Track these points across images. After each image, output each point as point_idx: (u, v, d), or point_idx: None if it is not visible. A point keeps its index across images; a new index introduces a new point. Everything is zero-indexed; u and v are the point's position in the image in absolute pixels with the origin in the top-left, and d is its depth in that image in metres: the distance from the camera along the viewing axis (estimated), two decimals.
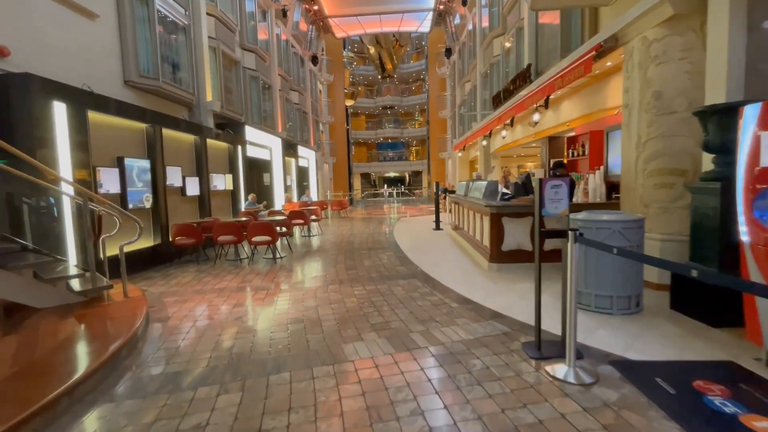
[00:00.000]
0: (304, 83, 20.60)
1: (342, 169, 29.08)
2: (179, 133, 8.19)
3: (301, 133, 19.57)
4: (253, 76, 13.49)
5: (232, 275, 6.14)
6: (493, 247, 5.80)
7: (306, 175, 19.69)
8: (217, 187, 9.76)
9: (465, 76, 18.89)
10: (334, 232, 11.29)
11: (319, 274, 6.07)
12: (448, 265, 6.34)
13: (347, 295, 4.82)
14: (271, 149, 14.38)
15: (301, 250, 8.34)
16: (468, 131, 16.65)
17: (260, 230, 6.90)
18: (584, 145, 7.48)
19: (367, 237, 10.04)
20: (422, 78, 33.87)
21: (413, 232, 10.64)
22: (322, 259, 7.32)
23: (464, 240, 8.04)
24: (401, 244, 8.57)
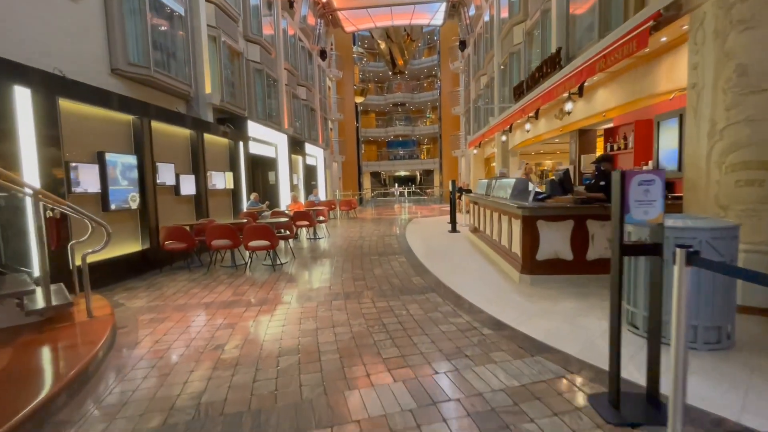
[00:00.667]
0: (312, 79, 19.89)
1: (351, 167, 28.34)
2: (172, 127, 7.49)
3: (309, 131, 18.87)
4: (258, 69, 12.78)
5: (225, 286, 5.39)
6: (526, 256, 4.94)
7: (314, 173, 18.99)
8: (217, 185, 9.06)
9: (480, 69, 17.95)
10: (342, 234, 10.51)
11: (322, 285, 5.28)
12: (470, 276, 5.49)
13: (354, 314, 4.02)
14: (276, 146, 13.67)
15: (305, 255, 7.57)
16: (484, 126, 15.73)
17: (258, 234, 6.14)
18: (626, 137, 6.56)
19: (377, 240, 9.23)
20: (434, 74, 32.92)
21: (427, 235, 9.81)
22: (327, 266, 6.54)
23: (486, 245, 7.18)
24: (415, 249, 7.75)
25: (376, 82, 34.97)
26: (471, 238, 8.81)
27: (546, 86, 7.57)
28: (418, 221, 13.55)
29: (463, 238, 9.14)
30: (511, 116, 10.02)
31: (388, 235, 9.98)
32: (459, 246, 8.03)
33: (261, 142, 12.33)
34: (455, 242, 8.54)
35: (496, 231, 6.47)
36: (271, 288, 5.20)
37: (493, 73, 15.27)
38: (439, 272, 5.73)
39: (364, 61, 32.45)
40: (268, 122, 13.18)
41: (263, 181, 13.77)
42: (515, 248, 5.35)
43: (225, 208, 9.66)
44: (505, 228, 5.91)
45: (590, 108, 7.62)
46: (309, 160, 17.70)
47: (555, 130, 9.59)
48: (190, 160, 8.15)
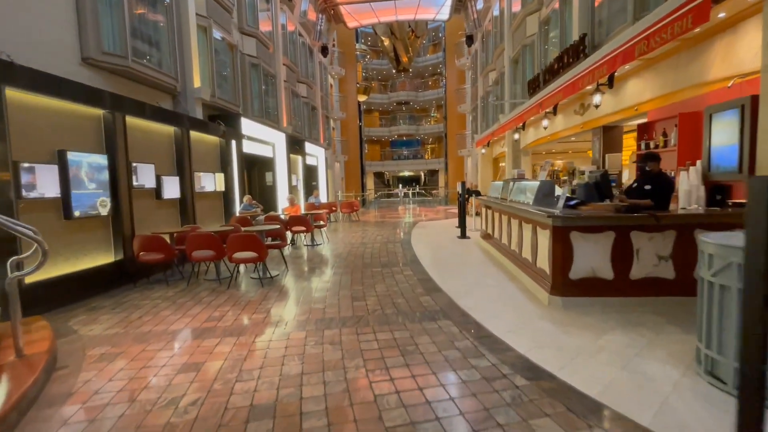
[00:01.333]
0: (313, 76, 19.15)
1: (354, 167, 27.59)
2: (153, 124, 6.75)
3: (310, 129, 18.12)
4: (254, 64, 12.05)
5: (202, 306, 4.63)
6: (557, 274, 4.14)
7: (315, 174, 18.24)
8: (205, 188, 8.32)
9: (489, 64, 17.12)
10: (343, 240, 9.74)
11: (315, 306, 4.50)
12: (489, 296, 4.70)
13: (350, 351, 3.24)
14: (273, 145, 12.93)
15: (299, 266, 6.80)
16: (494, 124, 14.90)
17: (244, 244, 5.38)
18: (667, 133, 5.73)
19: (380, 247, 8.45)
20: (439, 72, 32.08)
21: (434, 241, 9.01)
22: (323, 280, 5.76)
23: (503, 255, 6.37)
24: (422, 259, 6.96)
25: (379, 81, 34.18)
26: (483, 245, 8.01)
27: (568, 77, 6.75)
28: (423, 225, 12.75)
29: (474, 245, 8.34)
30: (526, 112, 9.20)
31: (392, 242, 9.19)
32: (470, 255, 7.23)
33: (257, 140, 11.58)
34: (466, 251, 7.74)
35: (516, 241, 5.66)
36: (254, 309, 4.43)
37: (503, 67, 14.44)
38: (451, 290, 4.93)
39: (368, 58, 31.67)
40: (264, 120, 12.44)
41: (260, 183, 13.04)
42: (542, 263, 4.55)
43: (215, 212, 8.92)
44: (527, 238, 5.11)
45: (618, 101, 6.80)
46: (309, 160, 16.96)
47: (574, 127, 8.77)
48: (174, 160, 7.41)
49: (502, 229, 6.61)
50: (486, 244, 7.89)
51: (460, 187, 10.35)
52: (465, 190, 9.44)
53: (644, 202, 4.08)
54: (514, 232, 5.76)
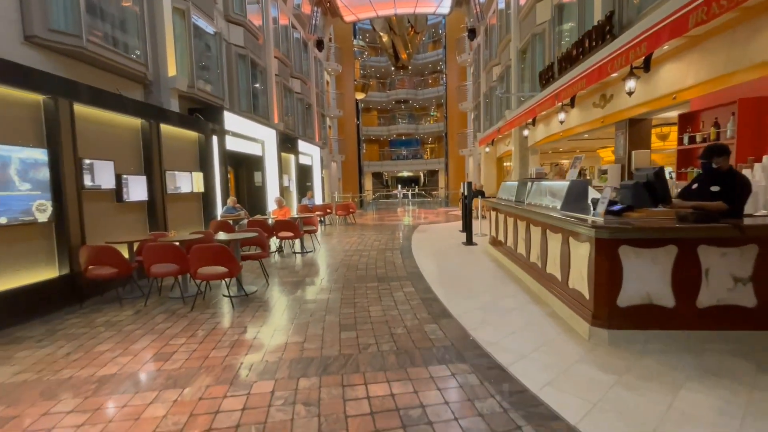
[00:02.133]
0: (307, 71, 18.24)
1: (352, 168, 26.68)
2: (114, 115, 5.82)
3: (304, 127, 17.20)
4: (241, 55, 11.13)
5: (152, 337, 3.71)
6: (601, 299, 3.23)
7: (309, 174, 17.32)
8: (181, 189, 7.39)
9: (493, 59, 16.24)
10: (336, 247, 8.81)
11: (292, 339, 3.58)
12: (510, 324, 3.77)
13: (331, 418, 2.32)
14: (263, 143, 12.00)
15: (281, 281, 5.87)
16: (499, 121, 14.00)
17: (210, 257, 4.45)
18: (720, 123, 4.82)
19: (377, 256, 7.53)
20: (439, 69, 31.22)
21: (438, 249, 8.09)
22: (306, 300, 4.84)
23: (519, 267, 5.46)
24: (425, 270, 6.04)
25: (378, 78, 33.28)
26: (492, 253, 7.10)
27: (593, 62, 5.85)
28: (424, 228, 11.83)
29: (482, 253, 7.42)
30: (539, 105, 8.30)
31: (391, 249, 8.27)
32: (480, 267, 6.31)
33: (244, 137, 10.66)
34: (473, 261, 6.82)
35: (537, 253, 4.75)
36: (216, 343, 3.50)
37: (508, 60, 13.55)
38: (462, 314, 4.01)
39: (365, 55, 30.78)
40: (253, 115, 11.52)
41: (248, 183, 12.12)
42: (576, 283, 3.64)
43: (193, 216, 7.98)
44: (554, 251, 4.19)
45: (650, 90, 5.90)
46: (303, 159, 16.03)
47: (593, 121, 7.87)
48: (142, 158, 6.47)
49: (517, 237, 5.70)
50: (496, 252, 6.98)
51: (464, 187, 9.44)
52: (471, 191, 8.53)
53: (714, 205, 3.17)
54: (535, 241, 4.84)
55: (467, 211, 8.55)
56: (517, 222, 5.67)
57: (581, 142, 13.21)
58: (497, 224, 7.06)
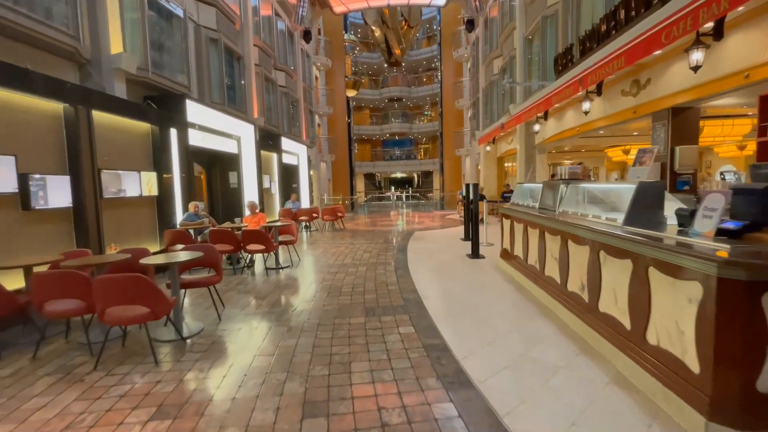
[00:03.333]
0: (294, 64, 16.88)
1: (342, 168, 25.33)
2: (16, 95, 4.45)
3: (289, 124, 15.85)
4: (213, 39, 9.77)
5: (5, 428, 2.36)
6: (726, 378, 1.96)
7: (295, 175, 15.95)
8: (126, 192, 6.02)
9: (494, 50, 15.04)
10: (318, 261, 7.48)
11: (234, 426, 2.26)
12: (564, 401, 2.47)
13: None
14: (239, 139, 10.63)
15: (238, 313, 4.52)
16: (503, 116, 12.79)
17: (119, 291, 3.10)
18: None
19: (365, 273, 6.22)
20: (434, 66, 30.04)
21: (439, 263, 6.81)
22: (260, 350, 3.51)
23: (548, 294, 4.18)
24: (426, 297, 4.75)
25: (370, 76, 31.99)
26: (507, 271, 5.83)
27: (638, 34, 4.61)
28: (421, 236, 10.55)
29: (493, 270, 6.15)
30: (556, 93, 7.07)
31: (383, 263, 6.96)
32: (495, 290, 5.03)
33: (216, 132, 9.29)
34: (485, 280, 5.54)
35: (584, 283, 3.47)
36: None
37: (512, 50, 12.34)
38: (487, 383, 2.71)
39: (357, 50, 29.48)
40: (226, 107, 10.15)
41: (222, 185, 10.74)
42: (669, 342, 2.36)
43: (143, 225, 6.60)
44: (616, 284, 2.91)
45: (709, 67, 4.68)
46: (288, 159, 14.66)
47: (622, 112, 6.66)
48: (65, 153, 5.09)
49: (544, 254, 4.43)
50: (510, 269, 5.71)
51: (469, 190, 8.19)
52: (477, 194, 7.24)
53: None
54: (577, 265, 3.57)
55: (473, 218, 7.27)
56: (545, 235, 4.40)
57: (589, 140, 12.03)
58: (512, 235, 5.79)
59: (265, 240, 6.19)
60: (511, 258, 5.83)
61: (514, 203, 6.09)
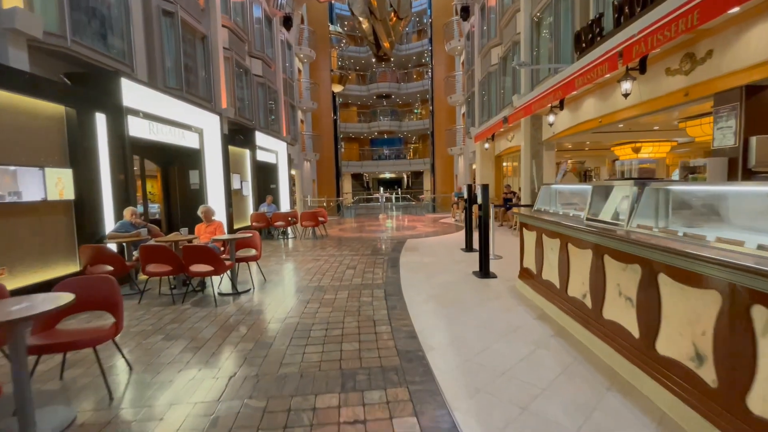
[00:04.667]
0: (272, 52, 15.32)
1: (328, 168, 23.80)
2: None
3: (266, 117, 14.28)
4: (167, 11, 8.20)
5: None
6: None
7: (273, 174, 14.37)
8: (21, 196, 4.45)
9: (492, 38, 13.73)
10: (287, 283, 6.00)
11: None
12: None
13: None
14: (201, 132, 9.06)
15: (145, 389, 3.01)
16: (505, 109, 11.46)
17: None
18: None
19: (346, 305, 4.76)
20: (424, 62, 28.71)
21: (440, 286, 5.38)
22: None
23: (608, 345, 2.75)
24: (430, 349, 3.30)
25: (357, 71, 30.50)
26: (536, 301, 4.43)
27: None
28: (414, 244, 9.12)
29: (513, 297, 4.74)
30: (581, 74, 5.72)
31: (369, 286, 5.49)
32: (531, 338, 3.59)
33: (170, 123, 7.71)
34: (510, 319, 4.11)
35: (727, 358, 2.06)
36: None
37: (515, 35, 11.03)
38: None
39: (344, 43, 27.96)
40: (184, 94, 8.58)
41: (181, 185, 9.14)
42: None
43: (53, 239, 5.01)
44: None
45: None
46: (264, 156, 13.08)
47: (669, 95, 5.35)
48: None
49: (604, 289, 3.03)
50: (538, 298, 4.32)
51: (471, 191, 6.80)
52: (487, 198, 5.83)
53: None
54: (688, 319, 2.17)
55: (482, 228, 5.85)
56: (604, 262, 3.01)
57: (600, 135, 10.76)
58: (540, 253, 4.39)
59: (213, 259, 4.67)
60: (539, 283, 4.44)
61: (539, 210, 4.70)
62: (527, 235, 4.84)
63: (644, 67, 5.15)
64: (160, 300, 5.01)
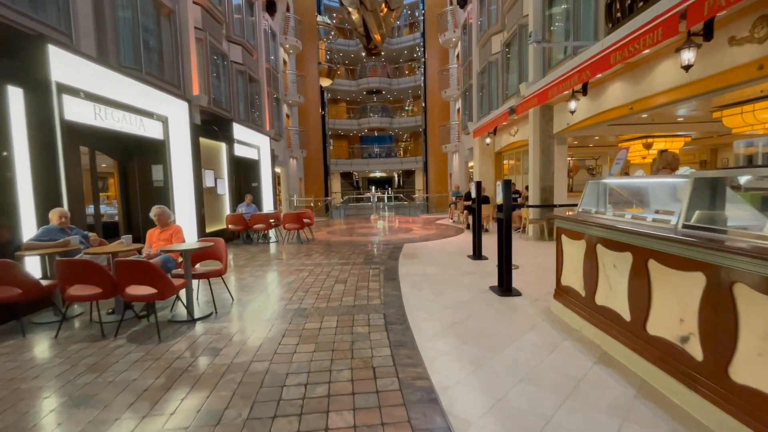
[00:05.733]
0: (254, 39, 14.04)
1: (316, 166, 22.55)
2: None
3: (247, 109, 13.01)
4: None
5: None
6: None
7: (254, 171, 13.11)
8: None
9: (493, 25, 12.70)
10: (260, 305, 4.82)
11: None
12: None
13: None
14: (166, 120, 7.80)
15: None
16: (511, 99, 10.43)
17: None
18: None
19: (334, 337, 3.62)
20: (416, 56, 27.65)
21: (455, 308, 4.27)
22: None
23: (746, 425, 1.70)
24: (470, 428, 2.19)
25: (346, 65, 29.26)
26: (585, 332, 3.34)
27: None
28: (413, 250, 8.01)
29: (552, 324, 3.65)
30: (623, 45, 4.69)
31: (363, 308, 4.36)
32: (605, 398, 2.50)
33: (121, 107, 6.46)
34: (562, 364, 3.01)
35: None
36: None
37: (521, 18, 10.01)
38: None
39: (333, 35, 26.71)
40: (144, 75, 7.32)
41: (142, 182, 7.86)
42: None
43: None
44: None
45: None
46: (244, 151, 11.81)
47: (731, 70, 4.35)
48: None
49: (737, 336, 1.95)
50: (590, 327, 3.24)
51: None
52: (509, 198, 4.73)
53: None
54: None
55: (503, 235, 4.76)
56: (734, 294, 1.92)
57: (610, 129, 9.81)
58: (593, 269, 3.31)
59: (155, 278, 3.47)
60: (589, 308, 3.36)
61: (586, 212, 3.63)
62: (569, 245, 3.76)
63: (710, 32, 4.11)
64: (88, 332, 3.79)
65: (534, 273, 5.58)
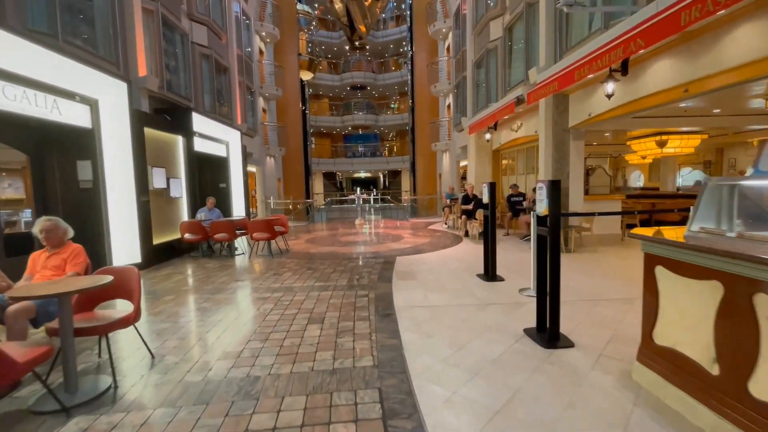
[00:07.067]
0: (223, 21, 12.38)
1: (295, 165, 20.91)
2: None
3: (213, 98, 11.36)
4: None
5: None
6: None
7: (222, 170, 11.44)
8: None
9: (491, 9, 11.39)
10: (189, 372, 3.27)
11: None
12: None
13: None
14: (95, 105, 6.13)
15: None
16: (518, 87, 9.10)
17: None
18: None
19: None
20: (402, 51, 26.28)
21: (488, 375, 2.84)
22: None
23: None
24: None
25: (329, 59, 27.66)
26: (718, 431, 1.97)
27: None
28: (408, 266, 6.55)
29: (649, 413, 2.25)
30: (689, 4, 3.37)
31: (347, 377, 2.88)
32: None
33: (30, 84, 4.81)
34: None
35: None
36: None
37: None
38: None
39: (314, 26, 25.09)
40: (61, 44, 5.66)
41: (63, 182, 6.19)
42: None
43: None
44: None
45: None
46: (207, 147, 10.12)
47: None
48: None
49: None
50: (729, 426, 1.87)
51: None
52: (558, 202, 3.34)
53: None
54: None
55: (550, 259, 3.37)
56: None
57: (637, 121, 8.62)
58: (737, 332, 1.93)
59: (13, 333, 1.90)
60: (729, 398, 1.98)
61: (708, 232, 2.25)
62: (676, 285, 2.36)
63: None
64: None
65: (573, 304, 4.21)
